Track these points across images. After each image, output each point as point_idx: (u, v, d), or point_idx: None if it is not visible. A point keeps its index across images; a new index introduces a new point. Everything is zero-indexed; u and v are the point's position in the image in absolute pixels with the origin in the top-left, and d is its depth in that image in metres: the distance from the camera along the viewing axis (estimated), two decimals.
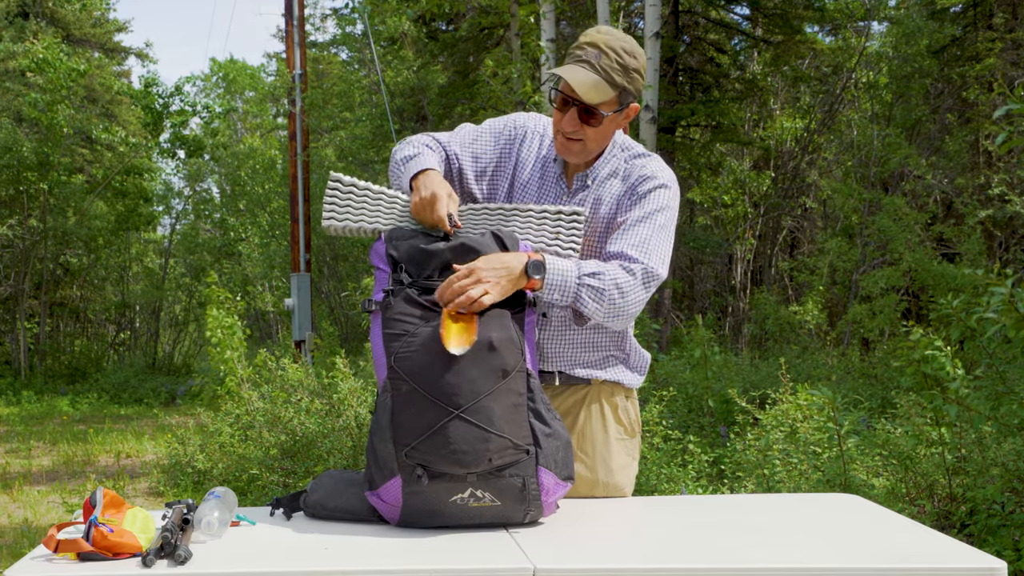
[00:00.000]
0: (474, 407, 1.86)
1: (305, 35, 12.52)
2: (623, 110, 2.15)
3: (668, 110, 11.75)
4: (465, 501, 1.88)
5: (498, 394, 1.88)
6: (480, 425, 1.85)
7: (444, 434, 1.85)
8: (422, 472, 1.86)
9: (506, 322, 1.94)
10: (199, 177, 22.58)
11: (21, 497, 6.74)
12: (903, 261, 8.85)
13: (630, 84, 2.11)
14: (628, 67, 2.10)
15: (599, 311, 2.06)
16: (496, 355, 1.89)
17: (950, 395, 3.72)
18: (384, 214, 2.11)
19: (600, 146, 2.20)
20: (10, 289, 15.89)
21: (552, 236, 2.10)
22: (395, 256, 2.00)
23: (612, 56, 2.09)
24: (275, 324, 18.70)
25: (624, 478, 2.31)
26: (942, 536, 1.87)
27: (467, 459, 1.85)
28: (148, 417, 12.15)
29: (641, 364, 2.34)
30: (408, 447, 1.87)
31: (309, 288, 11.70)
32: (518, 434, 1.90)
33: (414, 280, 1.96)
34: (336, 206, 2.11)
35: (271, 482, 5.51)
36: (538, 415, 1.94)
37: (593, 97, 2.08)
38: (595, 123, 2.12)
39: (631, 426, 2.34)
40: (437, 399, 1.86)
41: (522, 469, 1.89)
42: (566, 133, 2.15)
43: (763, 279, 14.38)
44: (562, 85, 2.13)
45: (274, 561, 1.75)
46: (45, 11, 19.30)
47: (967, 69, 11.49)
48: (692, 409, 6.34)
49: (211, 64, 29.60)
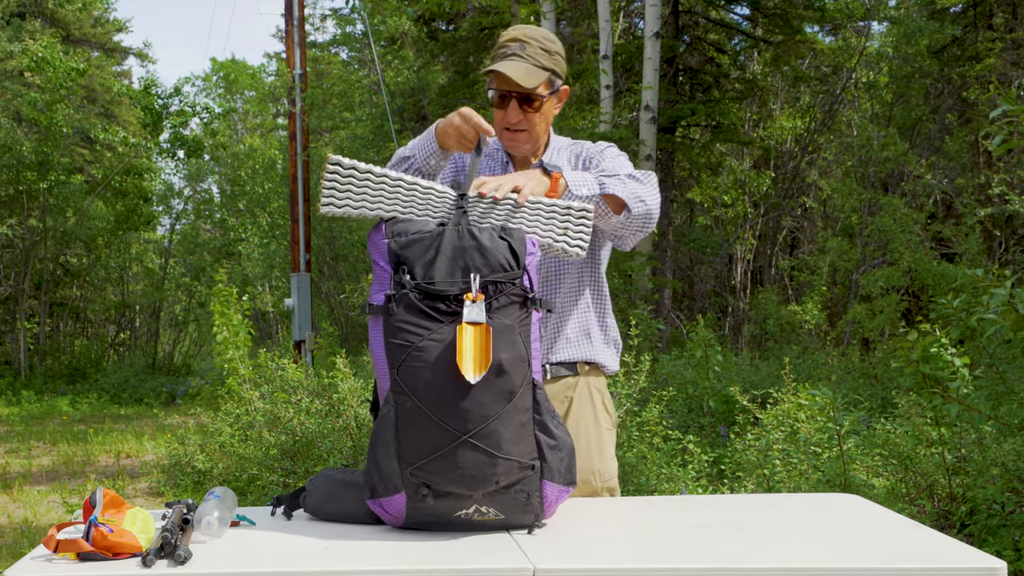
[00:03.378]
0: (483, 432, 1.83)
1: (305, 35, 12.52)
2: (556, 92, 2.32)
3: (668, 110, 11.75)
4: (469, 516, 1.88)
5: (506, 416, 1.85)
6: (488, 450, 1.83)
7: (452, 458, 1.82)
8: (427, 492, 1.85)
9: (514, 337, 1.89)
10: (199, 177, 22.58)
11: (21, 497, 6.73)
12: (903, 261, 8.84)
13: (556, 66, 2.28)
14: (550, 51, 2.28)
15: (626, 193, 2.16)
16: (505, 378, 1.85)
17: (951, 394, 3.71)
18: (387, 199, 2.00)
19: (544, 131, 2.35)
20: (10, 289, 15.89)
21: (560, 231, 2.07)
22: (396, 251, 1.91)
23: (534, 44, 2.26)
24: (275, 324, 18.70)
25: (613, 467, 2.41)
26: (942, 536, 1.87)
27: (475, 483, 1.83)
28: (148, 417, 12.15)
29: (617, 344, 2.46)
30: (413, 466, 1.85)
31: (309, 288, 11.70)
32: (524, 452, 1.88)
33: (417, 283, 1.88)
34: (336, 190, 1.99)
35: (271, 482, 5.51)
36: (543, 427, 1.92)
37: (529, 82, 2.22)
38: (536, 108, 2.27)
39: (613, 415, 2.45)
40: (444, 422, 1.83)
41: (527, 484, 1.88)
42: (511, 126, 2.29)
43: (763, 279, 14.38)
44: (497, 83, 2.26)
45: (274, 561, 1.75)
46: (45, 11, 19.29)
47: (967, 69, 11.49)
48: (692, 409, 6.34)
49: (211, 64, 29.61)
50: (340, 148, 15.45)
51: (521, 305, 1.92)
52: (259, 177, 17.87)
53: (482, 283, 1.88)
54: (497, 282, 1.89)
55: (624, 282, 9.74)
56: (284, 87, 14.19)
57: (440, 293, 1.87)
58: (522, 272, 1.92)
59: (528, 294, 1.92)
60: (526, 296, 1.92)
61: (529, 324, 1.94)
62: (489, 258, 1.90)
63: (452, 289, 1.87)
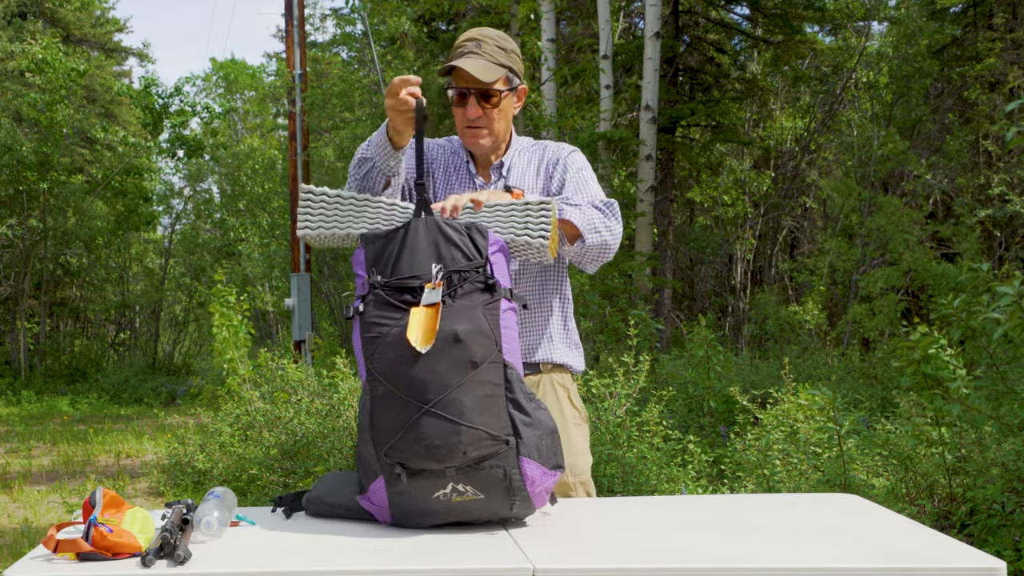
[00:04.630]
0: (444, 400, 1.86)
1: (305, 35, 12.52)
2: (515, 90, 2.36)
3: (668, 110, 11.75)
4: (448, 496, 1.88)
5: (468, 386, 1.88)
6: (450, 418, 1.85)
7: (416, 430, 1.86)
8: (401, 471, 1.87)
9: (474, 314, 1.93)
10: (199, 177, 22.59)
11: (21, 497, 6.74)
12: (903, 261, 8.85)
13: (513, 64, 2.33)
14: (506, 49, 2.33)
15: (583, 222, 2.20)
16: (463, 347, 1.89)
17: (951, 395, 3.71)
18: (354, 218, 2.14)
19: (505, 129, 2.39)
20: (10, 289, 15.89)
21: (521, 227, 2.11)
22: (368, 254, 2.02)
23: (490, 42, 2.31)
24: (275, 324, 18.70)
25: (585, 462, 2.43)
26: (942, 536, 1.87)
27: (440, 453, 1.85)
28: (148, 417, 12.15)
29: (578, 346, 2.50)
30: (386, 446, 1.89)
31: (309, 288, 11.69)
32: (494, 425, 1.89)
33: (387, 280, 1.96)
34: (310, 214, 2.16)
35: (271, 482, 5.51)
36: (517, 404, 1.93)
37: (487, 76, 2.26)
38: (494, 103, 2.32)
39: (582, 411, 2.47)
40: (408, 396, 1.87)
41: (502, 460, 1.89)
42: (472, 122, 2.33)
43: (763, 279, 14.38)
44: (455, 81, 2.31)
45: (274, 561, 1.75)
46: (45, 11, 19.29)
47: (967, 69, 11.50)
48: (692, 409, 6.33)
49: (211, 64, 29.61)
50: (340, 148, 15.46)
51: (483, 291, 1.97)
52: (259, 177, 17.87)
53: (446, 272, 1.95)
54: (460, 271, 1.96)
55: (624, 282, 9.74)
56: (284, 87, 14.18)
57: (405, 286, 1.95)
58: (484, 261, 1.98)
59: (490, 280, 1.97)
60: (487, 283, 1.97)
61: (497, 310, 1.97)
62: (452, 250, 1.98)
63: (416, 281, 1.95)
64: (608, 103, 10.68)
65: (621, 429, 4.79)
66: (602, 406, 4.96)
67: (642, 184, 10.42)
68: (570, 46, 13.58)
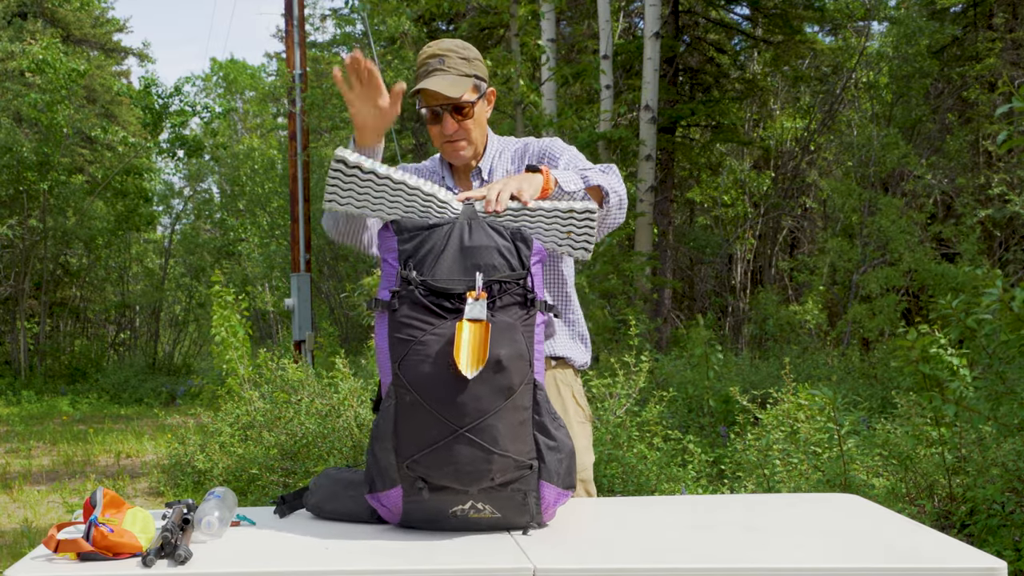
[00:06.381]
0: (479, 427, 1.83)
1: (305, 35, 12.51)
2: (484, 95, 2.37)
3: (668, 110, 11.75)
4: (465, 512, 1.88)
5: (503, 412, 1.85)
6: (484, 445, 1.83)
7: (447, 451, 1.83)
8: (423, 485, 1.86)
9: (515, 336, 1.89)
10: (199, 177, 22.59)
11: (21, 497, 6.73)
12: (903, 261, 8.84)
13: (477, 71, 2.34)
14: (469, 58, 2.33)
15: (608, 181, 2.22)
16: (504, 374, 1.85)
17: (950, 395, 3.71)
18: (388, 203, 2.01)
19: (482, 136, 2.39)
20: (10, 289, 15.89)
21: (563, 235, 2.06)
22: (405, 246, 1.94)
23: (452, 55, 2.31)
24: (275, 324, 18.70)
25: (588, 459, 2.42)
26: (942, 536, 1.87)
27: (469, 479, 1.84)
28: (148, 417, 12.15)
29: (587, 340, 2.49)
30: (410, 459, 1.86)
31: (309, 288, 11.69)
32: (521, 451, 1.88)
33: (424, 279, 1.90)
34: (339, 187, 2.01)
35: (271, 482, 5.51)
36: (543, 428, 1.92)
37: (454, 91, 2.27)
38: (468, 115, 2.32)
39: (586, 409, 2.46)
40: (442, 415, 1.83)
41: (524, 484, 1.88)
42: (449, 138, 2.34)
43: (763, 279, 14.38)
44: (425, 101, 2.32)
45: (274, 561, 1.75)
46: (45, 11, 19.29)
47: (967, 69, 11.50)
48: (692, 409, 6.33)
49: (211, 64, 29.61)
50: None
51: (522, 305, 1.92)
52: (259, 177, 17.87)
53: (486, 282, 1.89)
54: (501, 281, 1.90)
55: (624, 282, 9.74)
56: (284, 87, 14.18)
57: (445, 290, 1.89)
58: (526, 273, 1.93)
59: (530, 294, 1.93)
60: (527, 296, 1.92)
61: (533, 325, 1.94)
62: (495, 257, 1.92)
63: (457, 287, 1.89)
64: (608, 103, 10.68)
65: (621, 429, 4.79)
66: (602, 406, 4.97)
67: (642, 184, 10.42)
68: (570, 46, 13.59)
